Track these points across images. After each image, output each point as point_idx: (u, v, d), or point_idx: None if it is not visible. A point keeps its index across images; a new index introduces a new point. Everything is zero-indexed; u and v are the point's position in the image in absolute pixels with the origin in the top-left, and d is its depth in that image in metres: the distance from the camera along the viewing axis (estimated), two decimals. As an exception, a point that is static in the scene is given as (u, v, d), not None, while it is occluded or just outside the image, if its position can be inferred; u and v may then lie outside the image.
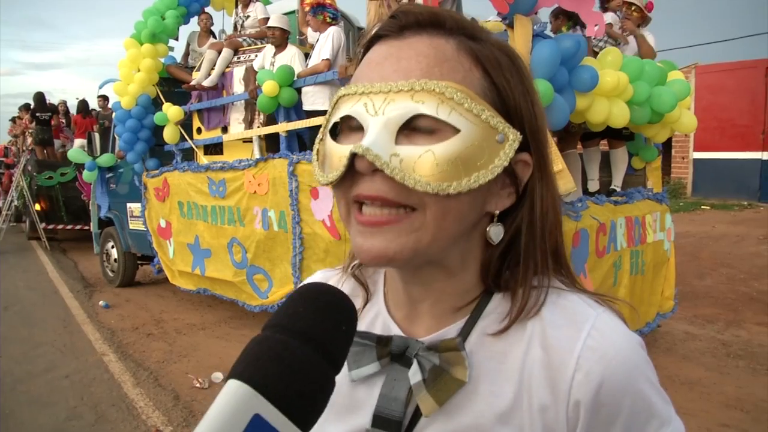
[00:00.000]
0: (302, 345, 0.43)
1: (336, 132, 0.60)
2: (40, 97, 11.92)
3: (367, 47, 0.61)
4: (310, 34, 5.05)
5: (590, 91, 3.27)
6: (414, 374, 0.61)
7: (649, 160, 4.62)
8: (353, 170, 0.55)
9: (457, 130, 0.54)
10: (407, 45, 0.57)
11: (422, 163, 0.53)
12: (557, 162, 2.98)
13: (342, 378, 0.66)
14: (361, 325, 0.69)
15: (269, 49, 5.05)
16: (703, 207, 12.67)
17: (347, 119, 0.58)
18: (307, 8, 4.89)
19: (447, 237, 0.57)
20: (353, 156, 0.54)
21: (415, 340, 0.63)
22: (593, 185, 4.56)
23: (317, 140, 0.62)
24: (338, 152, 0.57)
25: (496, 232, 0.61)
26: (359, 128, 0.56)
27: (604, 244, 3.63)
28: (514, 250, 0.62)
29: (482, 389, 0.59)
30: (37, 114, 11.67)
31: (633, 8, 4.90)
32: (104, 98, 10.91)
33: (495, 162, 0.56)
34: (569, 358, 0.56)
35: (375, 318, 0.69)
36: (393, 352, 0.63)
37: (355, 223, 0.57)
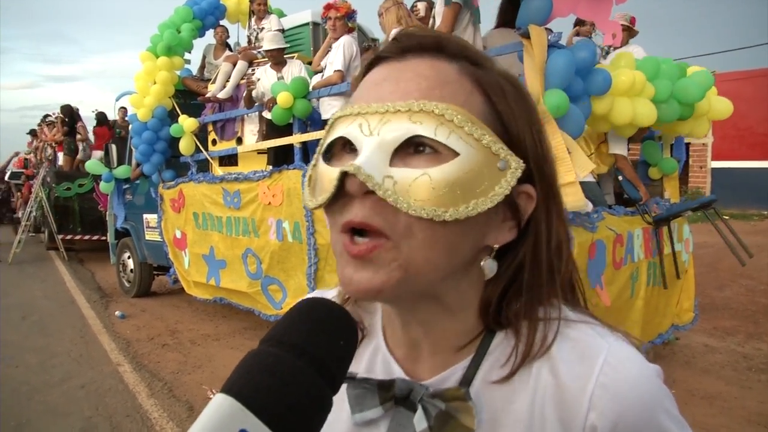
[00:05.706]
0: (295, 358, 0.42)
1: (329, 156, 0.57)
2: (71, 109, 11.88)
3: (368, 68, 0.59)
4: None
5: (606, 93, 3.23)
6: (419, 421, 0.58)
7: (668, 173, 4.54)
8: (344, 192, 0.52)
9: (456, 154, 0.51)
10: (408, 67, 0.55)
11: (418, 186, 0.50)
12: (569, 175, 2.90)
13: (345, 420, 0.64)
14: (361, 363, 0.67)
15: (269, 70, 5.03)
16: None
17: (341, 141, 0.55)
18: (337, 21, 4.80)
19: (437, 269, 0.53)
20: (344, 176, 0.51)
21: (419, 385, 0.60)
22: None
23: (310, 165, 0.60)
24: (329, 174, 0.54)
25: (489, 267, 0.57)
26: (353, 151, 0.54)
27: (621, 256, 3.58)
28: (516, 285, 0.58)
29: None
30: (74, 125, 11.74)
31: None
32: (124, 110, 10.73)
33: (495, 190, 0.52)
34: (582, 396, 0.53)
35: (374, 355, 0.67)
36: (396, 396, 0.61)
37: (345, 254, 0.53)
